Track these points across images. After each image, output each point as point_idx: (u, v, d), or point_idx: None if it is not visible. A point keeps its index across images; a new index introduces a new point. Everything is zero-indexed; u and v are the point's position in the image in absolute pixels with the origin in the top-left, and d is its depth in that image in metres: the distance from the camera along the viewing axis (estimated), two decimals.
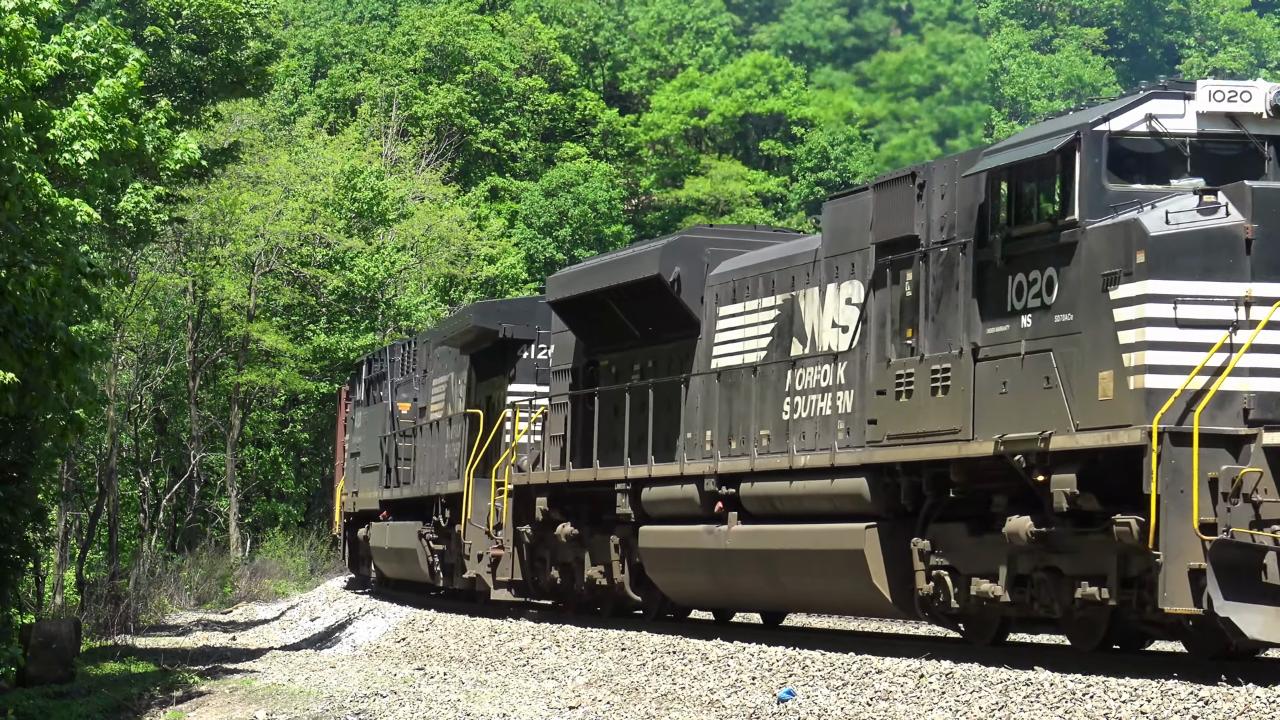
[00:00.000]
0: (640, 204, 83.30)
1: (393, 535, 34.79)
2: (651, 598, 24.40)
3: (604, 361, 25.78)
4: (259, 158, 56.79)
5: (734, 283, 22.68)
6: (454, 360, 32.61)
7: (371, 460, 37.93)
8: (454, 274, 63.81)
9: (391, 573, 36.69)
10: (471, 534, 28.47)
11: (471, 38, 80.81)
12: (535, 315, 29.18)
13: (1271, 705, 13.52)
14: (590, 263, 27.40)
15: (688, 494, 22.45)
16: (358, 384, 41.31)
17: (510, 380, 29.31)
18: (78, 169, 20.96)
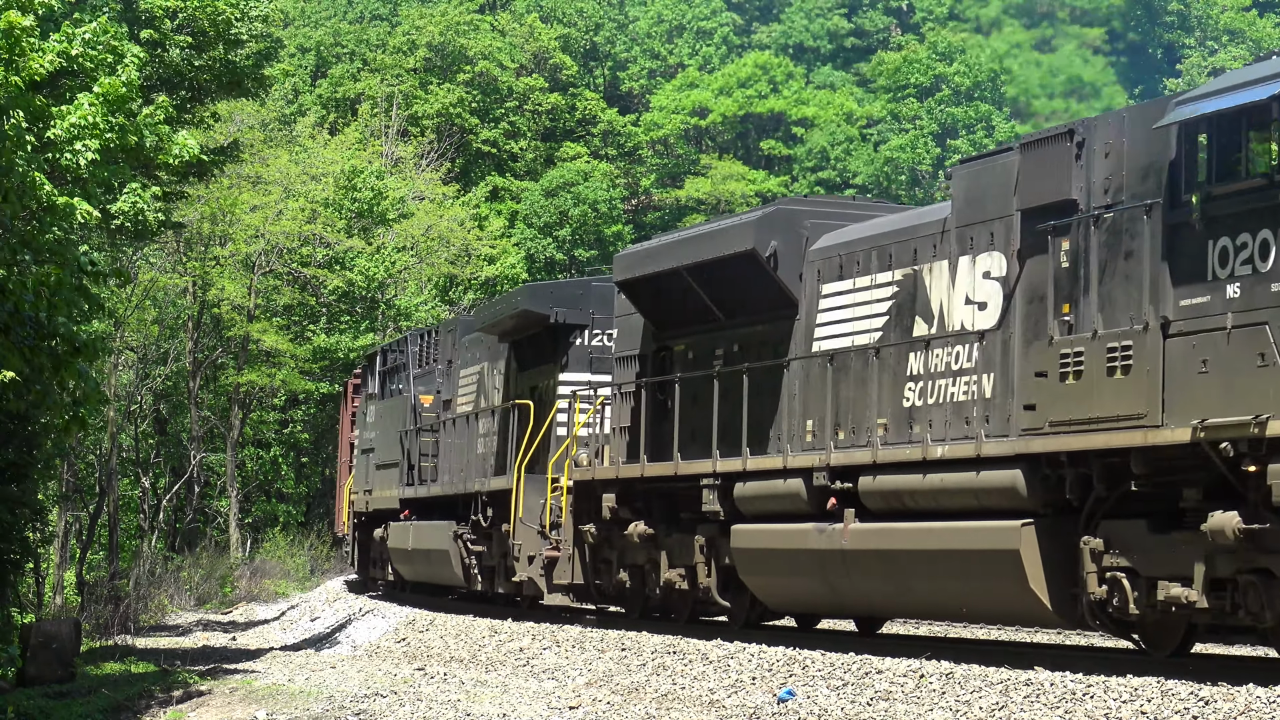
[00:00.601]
0: (640, 204, 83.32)
1: (418, 536, 32.77)
2: (740, 603, 22.35)
3: (678, 346, 23.77)
4: (259, 158, 56.78)
5: (840, 257, 20.62)
6: (487, 349, 30.94)
7: (389, 457, 35.93)
8: (454, 274, 63.81)
9: (415, 575, 34.73)
10: (522, 534, 26.53)
11: (472, 37, 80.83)
12: (589, 299, 27.49)
13: (1272, 705, 13.51)
14: (664, 239, 24.66)
15: (792, 489, 20.43)
16: (370, 376, 38.80)
17: (562, 369, 27.41)
18: (78, 168, 20.95)
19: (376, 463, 36.90)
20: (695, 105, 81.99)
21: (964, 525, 17.93)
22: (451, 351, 33.60)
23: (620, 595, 25.28)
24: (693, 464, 22.42)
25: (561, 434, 26.71)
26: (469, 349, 32.35)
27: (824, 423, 20.44)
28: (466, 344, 32.49)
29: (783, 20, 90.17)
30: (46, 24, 22.31)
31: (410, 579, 35.28)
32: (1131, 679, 15.02)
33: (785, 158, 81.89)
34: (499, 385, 30.04)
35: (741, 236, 21.52)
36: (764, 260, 21.13)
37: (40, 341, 15.29)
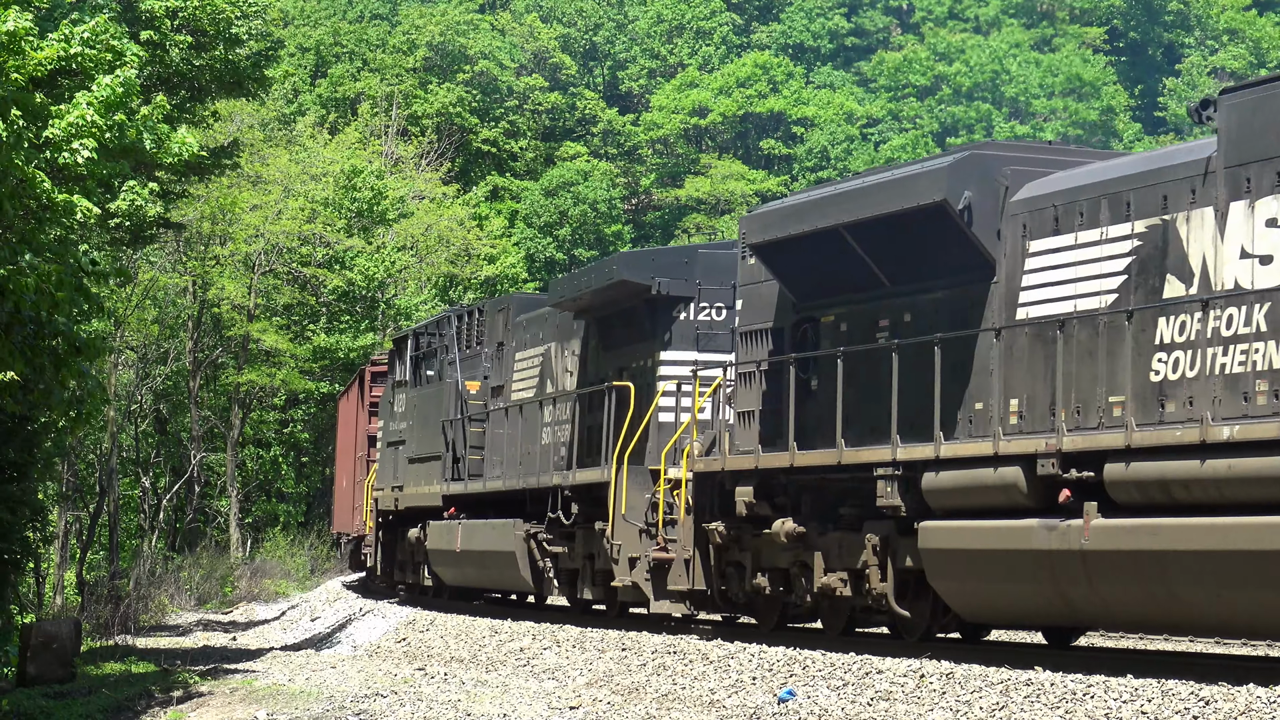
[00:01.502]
0: (640, 203, 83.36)
1: (470, 536, 29.19)
2: (919, 611, 19.21)
3: (826, 317, 20.64)
4: (259, 157, 56.80)
5: (1056, 208, 17.67)
6: (555, 328, 27.83)
7: (425, 449, 32.33)
8: (454, 273, 63.86)
9: (462, 580, 31.28)
10: (622, 533, 23.39)
11: (471, 37, 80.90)
12: (695, 267, 24.34)
13: (1272, 705, 13.50)
14: (810, 194, 21.18)
15: (1006, 479, 17.31)
16: (398, 362, 34.96)
17: (664, 346, 24.28)
18: (77, 166, 20.95)
19: (409, 456, 33.37)
20: (695, 105, 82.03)
21: (1268, 521, 14.88)
22: (503, 333, 30.36)
23: (750, 604, 22.06)
24: (863, 451, 19.17)
25: (666, 420, 23.81)
26: (527, 329, 29.29)
27: (1033, 402, 17.58)
28: (524, 324, 29.44)
29: (783, 20, 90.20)
30: (46, 23, 22.31)
31: (454, 584, 31.84)
32: (1131, 679, 15.02)
33: (785, 157, 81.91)
34: (571, 368, 27.15)
35: (929, 186, 18.45)
36: (956, 214, 18.15)
37: (41, 341, 15.30)
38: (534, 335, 28.95)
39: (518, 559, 27.05)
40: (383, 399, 36.50)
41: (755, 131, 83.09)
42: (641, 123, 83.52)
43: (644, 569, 23.25)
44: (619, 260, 25.16)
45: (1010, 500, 17.34)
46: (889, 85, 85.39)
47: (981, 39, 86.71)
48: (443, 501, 30.77)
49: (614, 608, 25.62)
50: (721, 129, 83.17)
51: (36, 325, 15.21)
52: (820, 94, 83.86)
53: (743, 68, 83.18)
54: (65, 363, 15.63)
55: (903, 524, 18.93)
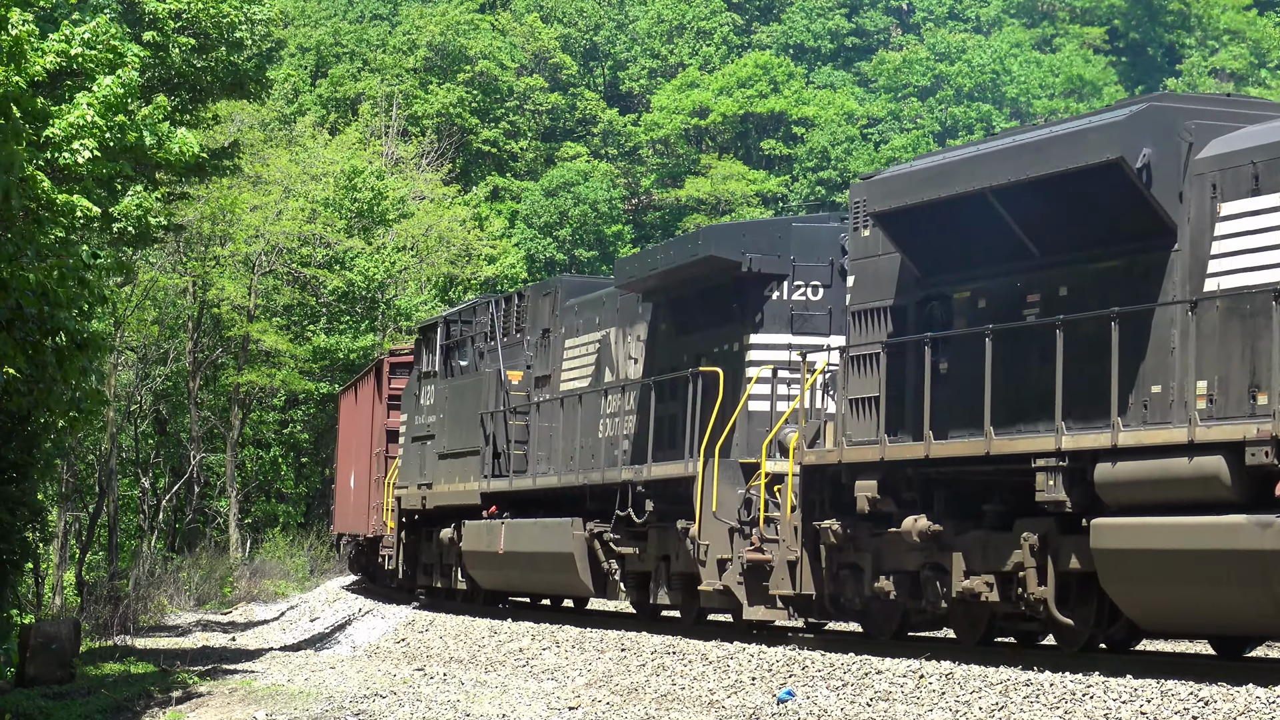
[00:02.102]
0: (640, 204, 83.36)
1: (516, 536, 27.13)
2: (1083, 619, 17.17)
3: (960, 293, 18.64)
4: (259, 158, 56.80)
5: (1255, 166, 15.80)
6: (617, 312, 25.87)
7: (459, 444, 30.22)
8: (454, 274, 63.87)
9: (504, 584, 29.40)
10: (711, 533, 21.48)
11: (472, 37, 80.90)
12: (789, 242, 22.27)
13: (1271, 705, 13.49)
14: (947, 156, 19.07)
15: (1205, 470, 15.30)
16: (425, 352, 32.70)
17: (755, 328, 22.23)
18: (77, 167, 20.96)
19: (439, 451, 31.16)
20: (695, 105, 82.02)
21: None
22: (549, 319, 28.28)
23: (865, 610, 20.07)
24: (1019, 440, 17.14)
25: (759, 410, 21.85)
26: (579, 314, 27.28)
27: (1227, 384, 15.62)
28: (574, 308, 27.41)
29: (783, 20, 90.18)
30: (46, 24, 22.31)
31: (493, 588, 29.95)
32: (1131, 679, 15.01)
33: (785, 157, 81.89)
34: (636, 354, 25.11)
35: (1102, 142, 16.49)
36: (1133, 174, 16.23)
37: (43, 339, 15.30)
38: (588, 320, 26.91)
39: (576, 561, 24.99)
40: (406, 391, 34.21)
41: (756, 132, 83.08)
42: (642, 123, 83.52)
43: (736, 572, 21.23)
44: (706, 235, 23.03)
45: (1209, 494, 15.35)
46: (889, 85, 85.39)
47: (982, 39, 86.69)
48: (481, 500, 28.73)
49: (690, 613, 23.53)
50: (722, 129, 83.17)
51: (39, 322, 15.21)
52: (821, 94, 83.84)
53: (743, 68, 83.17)
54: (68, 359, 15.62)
55: (1065, 521, 16.91)
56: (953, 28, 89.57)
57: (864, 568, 19.44)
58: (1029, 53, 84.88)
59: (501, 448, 28.68)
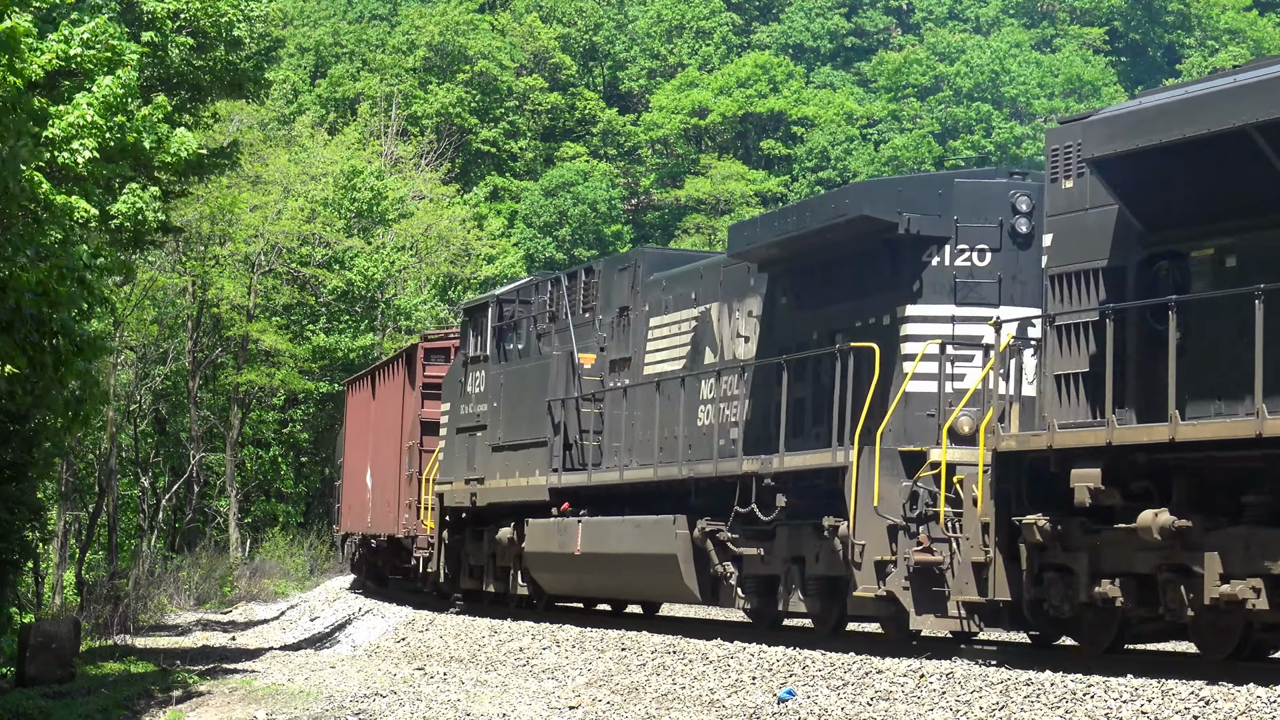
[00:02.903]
0: (640, 204, 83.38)
1: (597, 536, 24.53)
2: None
3: (1201, 250, 15.99)
4: (259, 157, 56.82)
5: None
6: (719, 285, 23.15)
7: (518, 434, 27.43)
8: (454, 274, 63.90)
9: (581, 589, 27.06)
10: (868, 530, 18.94)
11: (471, 37, 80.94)
12: (951, 201, 19.65)
13: (1272, 705, 13.48)
14: (1187, 90, 16.09)
15: None
16: (473, 335, 29.77)
17: (912, 298, 19.60)
18: (76, 167, 20.95)
19: (493, 443, 28.33)
20: (695, 105, 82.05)
21: None
22: (628, 295, 25.40)
23: (1075, 618, 17.26)
24: None
25: (921, 390, 19.31)
26: (668, 290, 24.52)
27: None
28: (661, 283, 24.67)
29: (783, 20, 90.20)
30: (45, 25, 22.30)
31: (563, 593, 27.74)
32: (1131, 679, 15.01)
33: (785, 157, 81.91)
34: (748, 331, 22.39)
35: None
36: None
37: (43, 339, 15.30)
38: (680, 296, 24.07)
39: (679, 563, 22.23)
40: (448, 378, 31.31)
41: (755, 132, 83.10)
42: (641, 123, 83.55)
43: (901, 575, 18.67)
44: (855, 193, 20.16)
45: None
46: (889, 85, 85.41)
47: (982, 39, 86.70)
48: (549, 496, 25.98)
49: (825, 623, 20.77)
50: (721, 129, 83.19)
51: (38, 324, 15.21)
52: (820, 94, 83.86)
53: (743, 68, 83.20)
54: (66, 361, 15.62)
55: None
56: (952, 28, 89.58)
57: (1076, 570, 16.69)
58: (1029, 53, 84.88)
59: (574, 438, 25.97)
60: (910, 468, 19.01)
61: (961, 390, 18.84)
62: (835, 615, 20.58)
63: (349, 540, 42.78)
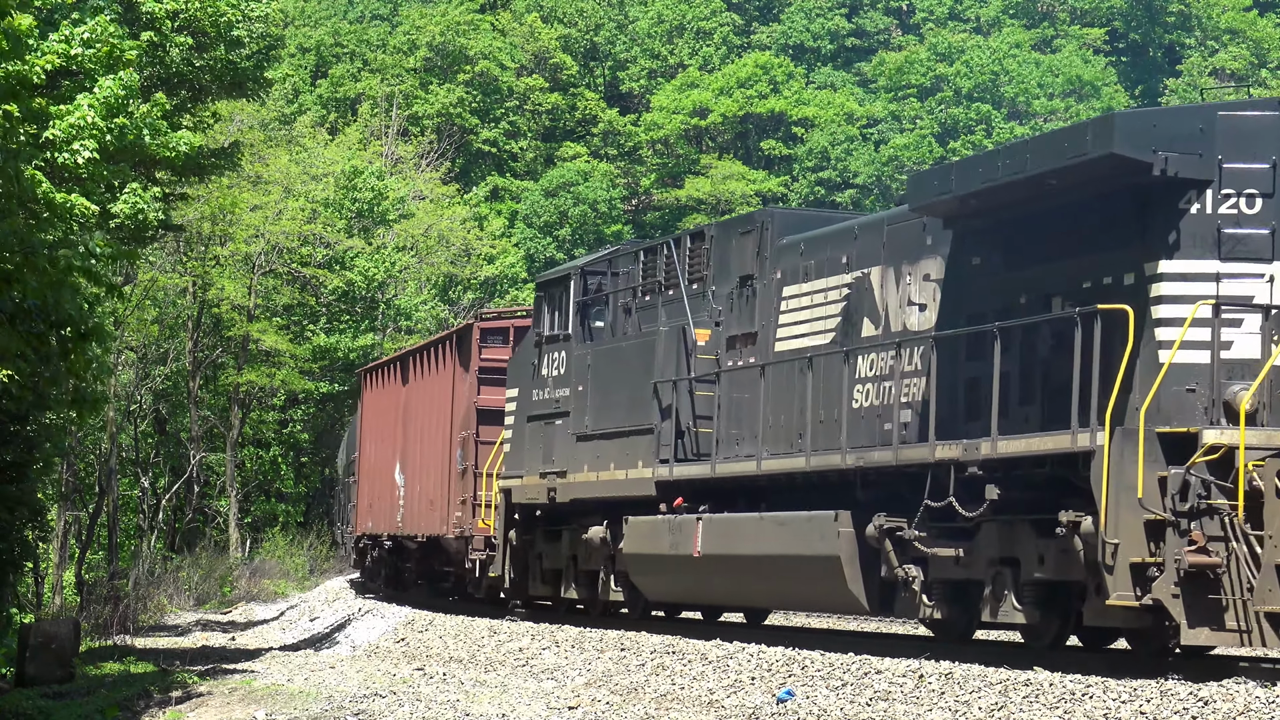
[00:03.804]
0: (640, 204, 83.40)
1: (724, 535, 21.63)
2: None
3: None
4: (259, 157, 56.84)
5: None
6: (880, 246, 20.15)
7: (615, 421, 24.46)
8: (454, 274, 63.92)
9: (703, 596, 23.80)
10: (1122, 528, 16.04)
11: (472, 37, 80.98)
12: (1214, 138, 16.68)
13: (1271, 705, 13.49)
14: None
15: None
16: (550, 312, 26.77)
17: (1167, 252, 16.69)
18: (77, 168, 20.97)
19: (579, 431, 25.41)
20: (695, 105, 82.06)
21: None
22: (753, 263, 22.41)
23: None
24: None
25: (1188, 361, 16.47)
26: (808, 254, 21.44)
27: None
28: (799, 248, 21.61)
29: (783, 20, 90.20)
30: (46, 26, 22.32)
31: (672, 599, 24.74)
32: (1131, 679, 15.01)
33: (785, 158, 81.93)
34: (924, 298, 19.42)
35: None
36: None
37: (48, 330, 15.32)
38: (826, 261, 21.03)
39: (843, 566, 19.35)
40: (515, 361, 28.42)
41: (755, 132, 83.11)
42: (642, 123, 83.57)
43: (1170, 580, 15.82)
44: (1099, 127, 16.80)
45: None
46: (889, 86, 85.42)
47: (982, 39, 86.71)
48: (655, 490, 23.10)
49: (1043, 636, 17.95)
50: (722, 129, 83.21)
51: (43, 314, 15.21)
52: (821, 94, 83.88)
53: (743, 68, 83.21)
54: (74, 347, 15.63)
55: None
56: (953, 28, 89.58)
57: None
58: (1029, 53, 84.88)
59: (686, 425, 23.02)
60: (1169, 452, 16.09)
61: (1234, 361, 16.23)
62: (1055, 627, 17.80)
63: (362, 541, 39.89)
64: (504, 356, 30.19)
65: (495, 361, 30.87)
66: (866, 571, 19.34)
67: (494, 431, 29.85)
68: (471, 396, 31.39)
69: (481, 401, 31.14)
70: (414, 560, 35.48)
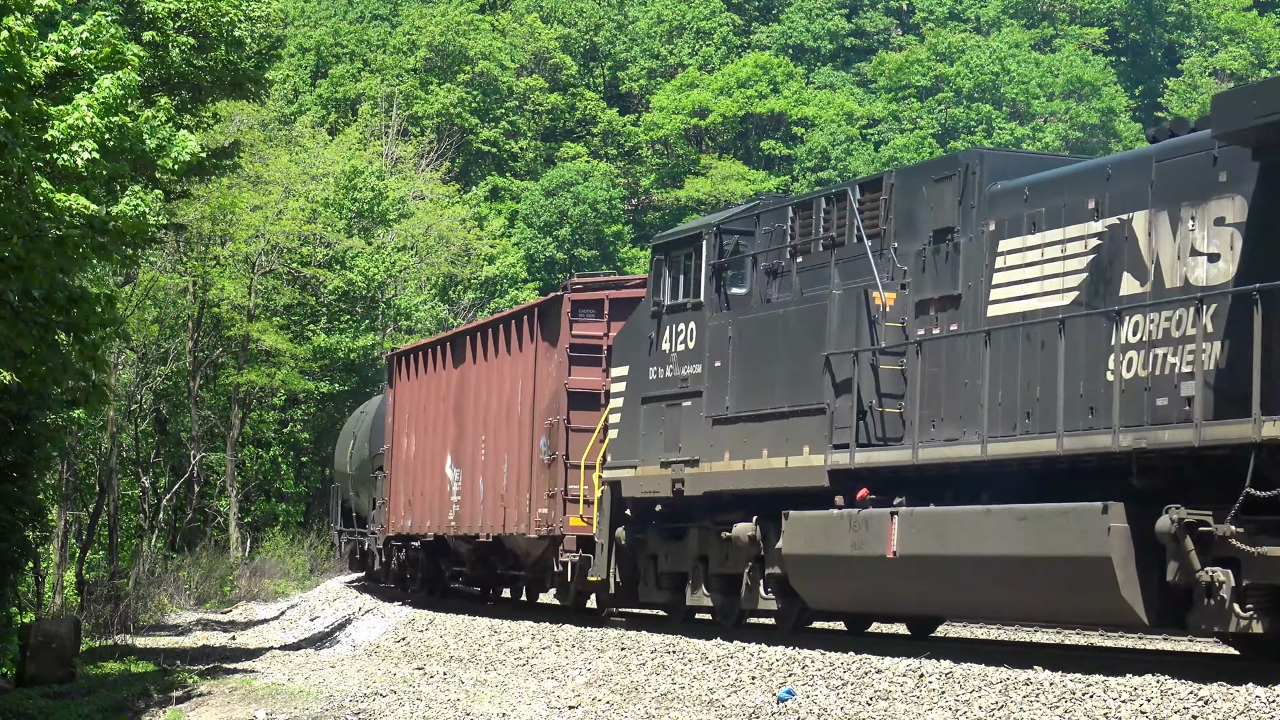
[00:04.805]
0: (640, 204, 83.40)
1: (932, 532, 18.42)
2: None
3: None
4: (259, 157, 56.85)
5: None
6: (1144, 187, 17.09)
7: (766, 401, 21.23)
8: (454, 274, 63.92)
9: (901, 604, 20.21)
10: None
11: (472, 37, 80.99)
12: None
13: (1271, 705, 13.50)
14: None
15: None
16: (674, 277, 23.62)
17: None
18: (77, 168, 20.97)
19: (715, 414, 22.24)
20: (695, 105, 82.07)
21: None
22: (952, 213, 19.39)
23: None
24: None
25: None
26: (1034, 200, 18.45)
27: None
28: (1024, 194, 18.60)
29: (783, 20, 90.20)
30: (46, 27, 22.31)
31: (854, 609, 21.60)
32: (1131, 679, 15.01)
33: (785, 158, 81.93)
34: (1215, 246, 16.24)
35: None
36: None
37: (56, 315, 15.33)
38: (1063, 208, 18.03)
39: (1114, 569, 16.06)
40: (624, 336, 25.19)
41: (755, 132, 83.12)
42: (641, 123, 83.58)
43: None
44: None
45: None
46: (889, 86, 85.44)
47: (982, 39, 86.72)
48: (828, 480, 19.96)
49: None
50: (721, 129, 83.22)
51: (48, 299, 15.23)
52: (820, 94, 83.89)
53: (743, 68, 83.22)
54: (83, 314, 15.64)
55: None
56: (953, 28, 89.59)
57: None
58: (1029, 53, 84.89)
59: (869, 403, 19.89)
60: None
61: None
62: None
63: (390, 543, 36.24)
64: (597, 332, 27.48)
65: (588, 338, 27.69)
66: (1144, 576, 16.08)
67: (586, 417, 27.17)
68: (561, 377, 27.87)
69: (573, 383, 27.74)
70: (467, 563, 32.42)
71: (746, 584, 21.69)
